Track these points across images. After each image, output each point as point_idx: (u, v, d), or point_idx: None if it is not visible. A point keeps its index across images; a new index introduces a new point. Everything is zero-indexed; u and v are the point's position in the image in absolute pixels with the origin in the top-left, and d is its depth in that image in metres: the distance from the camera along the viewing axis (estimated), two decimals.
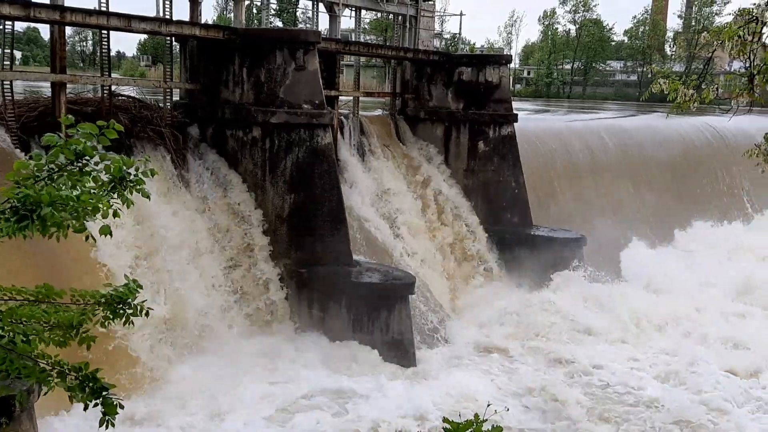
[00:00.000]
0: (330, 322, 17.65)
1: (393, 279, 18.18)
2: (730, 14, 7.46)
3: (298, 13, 65.04)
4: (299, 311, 17.88)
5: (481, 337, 19.66)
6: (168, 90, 19.84)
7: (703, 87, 7.54)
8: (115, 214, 4.99)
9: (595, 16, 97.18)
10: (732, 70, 7.74)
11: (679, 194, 33.08)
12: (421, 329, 18.79)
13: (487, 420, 5.25)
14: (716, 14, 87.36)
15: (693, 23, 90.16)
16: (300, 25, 60.42)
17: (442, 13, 56.33)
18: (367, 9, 24.43)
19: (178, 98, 20.96)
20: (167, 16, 18.11)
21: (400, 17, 25.29)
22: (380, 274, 18.41)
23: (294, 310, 17.92)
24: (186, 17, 19.15)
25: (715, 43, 7.13)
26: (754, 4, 7.01)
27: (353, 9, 23.62)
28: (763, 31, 7.14)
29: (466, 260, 23.18)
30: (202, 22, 19.87)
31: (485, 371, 17.52)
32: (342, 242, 18.67)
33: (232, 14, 21.26)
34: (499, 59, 25.72)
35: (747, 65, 7.22)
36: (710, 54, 7.18)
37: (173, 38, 19.76)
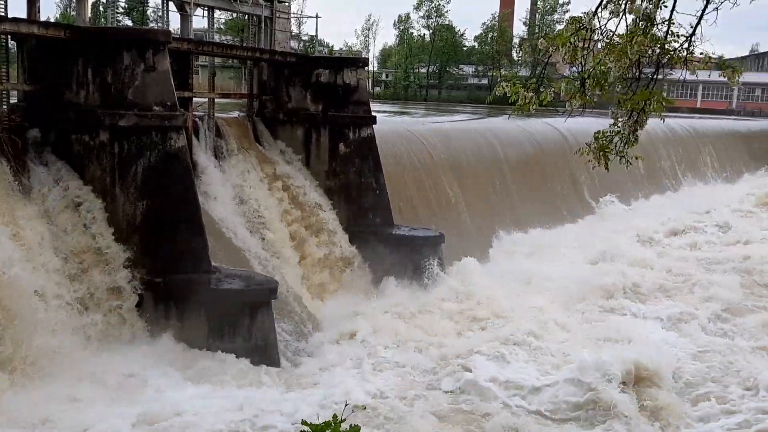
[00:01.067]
0: (189, 331, 17.08)
1: (255, 284, 17.90)
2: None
3: (148, 12, 62.54)
4: (155, 322, 17.15)
5: (345, 339, 19.76)
6: (4, 92, 18.46)
7: (541, 90, 7.99)
8: None
9: (447, 22, 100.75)
10: (571, 74, 8.26)
11: (529, 190, 35.01)
12: (285, 334, 18.63)
13: (345, 420, 5.30)
14: (557, 22, 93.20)
15: (537, 30, 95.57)
16: (151, 25, 58.15)
17: (298, 15, 56.14)
18: (219, 9, 23.90)
19: (16, 101, 19.56)
20: (1, 13, 16.85)
21: (255, 18, 24.96)
22: (241, 279, 18.08)
23: (150, 321, 17.19)
24: (23, 14, 17.90)
25: (550, 49, 7.59)
26: (584, 12, 7.53)
27: (205, 8, 23.04)
28: (594, 37, 7.69)
29: (329, 261, 23.20)
30: (42, 19, 18.66)
31: (350, 373, 17.61)
32: (200, 249, 18.14)
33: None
34: (356, 62, 26.01)
35: (579, 70, 7.74)
36: (547, 59, 7.63)
37: (9, 37, 18.42)
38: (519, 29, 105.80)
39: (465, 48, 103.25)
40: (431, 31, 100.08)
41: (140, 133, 17.71)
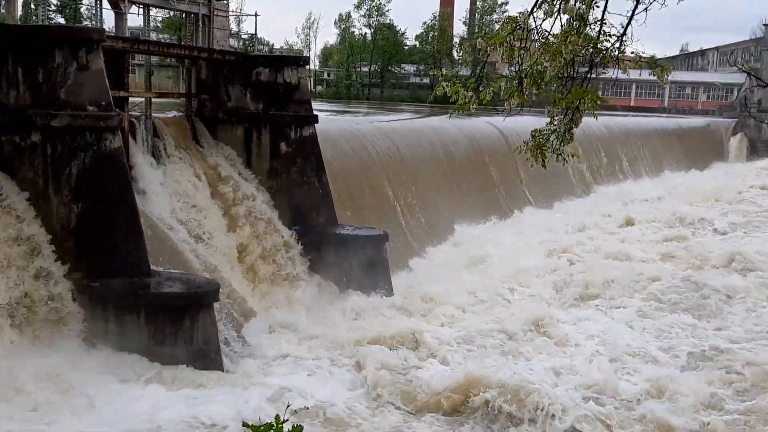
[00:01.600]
0: (128, 337, 16.68)
1: (195, 287, 17.60)
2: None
3: (82, 10, 60.83)
4: (93, 328, 16.68)
5: (289, 339, 19.62)
6: None
7: (480, 89, 8.08)
8: None
9: (388, 21, 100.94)
10: (510, 73, 8.38)
11: (470, 187, 35.42)
12: (227, 336, 18.38)
13: (287, 420, 5.26)
14: (496, 22, 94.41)
15: (476, 30, 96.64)
16: (84, 23, 56.61)
17: (237, 13, 55.42)
18: (155, 6, 23.39)
19: None
20: None
21: (192, 16, 24.53)
22: (181, 283, 17.74)
23: (86, 327, 16.71)
24: None
25: (488, 48, 7.68)
26: (520, 12, 7.65)
27: (141, 6, 22.53)
28: (531, 37, 7.81)
29: (271, 262, 22.95)
30: None
31: (293, 374, 17.49)
32: (138, 251, 17.73)
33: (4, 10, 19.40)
34: (296, 60, 25.83)
35: (517, 70, 7.86)
36: (485, 59, 7.72)
37: None
38: (459, 29, 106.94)
39: (406, 47, 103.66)
40: (372, 30, 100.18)
41: (74, 134, 17.22)
